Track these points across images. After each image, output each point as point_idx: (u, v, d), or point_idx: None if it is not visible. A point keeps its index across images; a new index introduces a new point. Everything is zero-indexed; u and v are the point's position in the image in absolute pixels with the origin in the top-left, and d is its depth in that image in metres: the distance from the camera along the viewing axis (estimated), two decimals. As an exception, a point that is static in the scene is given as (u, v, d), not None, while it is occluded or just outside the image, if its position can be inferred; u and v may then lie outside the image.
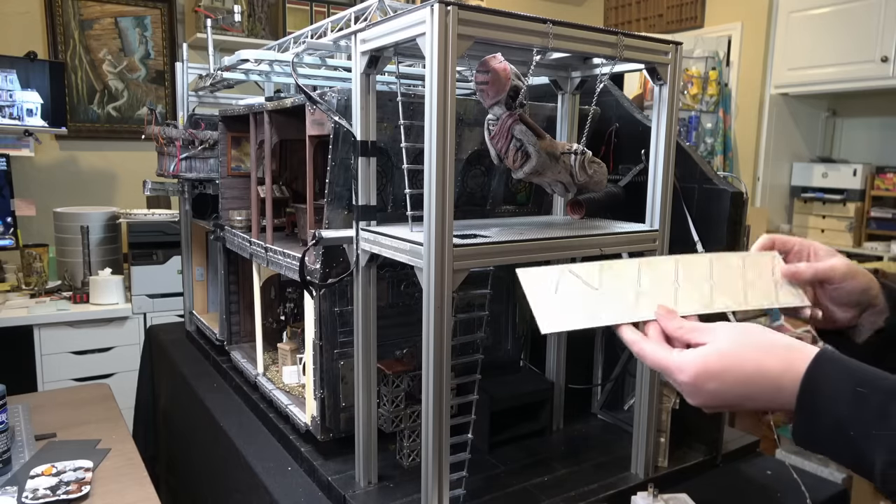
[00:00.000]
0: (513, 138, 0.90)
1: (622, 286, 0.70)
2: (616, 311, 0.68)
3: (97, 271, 2.80)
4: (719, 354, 0.59)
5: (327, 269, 1.11)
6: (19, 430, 1.46)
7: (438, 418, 0.86)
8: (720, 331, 0.62)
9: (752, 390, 0.59)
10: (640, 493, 1.04)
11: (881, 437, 0.52)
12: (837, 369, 0.56)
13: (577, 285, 0.69)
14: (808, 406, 0.56)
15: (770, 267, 0.78)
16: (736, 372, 0.59)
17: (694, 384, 0.60)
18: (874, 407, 0.53)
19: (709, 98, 3.64)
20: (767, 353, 0.59)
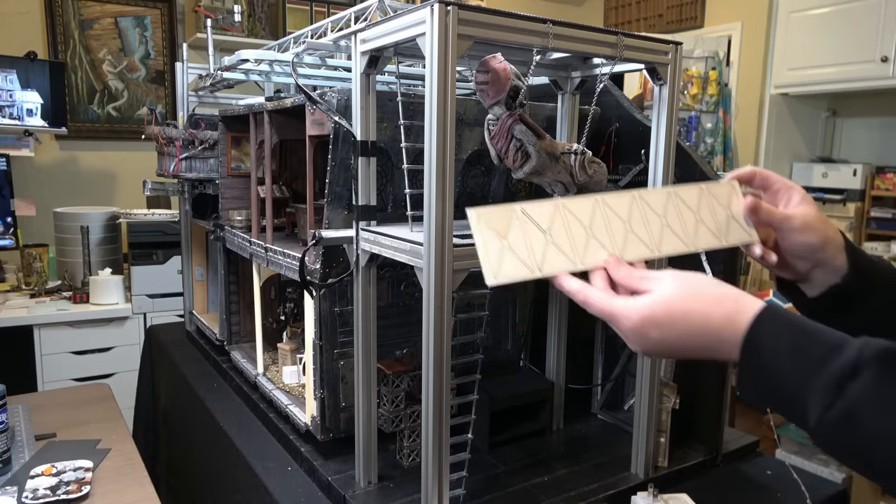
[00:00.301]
0: (513, 138, 0.90)
1: (573, 229, 0.68)
2: (563, 260, 0.66)
3: (97, 271, 2.80)
4: (665, 303, 0.59)
5: (327, 269, 1.11)
6: (19, 430, 1.46)
7: (438, 418, 0.86)
8: (667, 279, 0.61)
9: (695, 342, 0.59)
10: (640, 493, 1.04)
11: (818, 390, 0.52)
12: (780, 324, 0.57)
13: (528, 229, 0.66)
14: (750, 359, 0.57)
15: (727, 200, 0.76)
16: (680, 322, 0.59)
17: (638, 331, 0.60)
18: (813, 359, 0.53)
19: (709, 98, 3.64)
20: (713, 304, 0.59)
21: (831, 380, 0.52)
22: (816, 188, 3.84)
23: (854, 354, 0.52)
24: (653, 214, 0.72)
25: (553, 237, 0.67)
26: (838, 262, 0.72)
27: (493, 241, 0.64)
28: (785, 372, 0.55)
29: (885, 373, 0.51)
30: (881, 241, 3.58)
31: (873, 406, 0.50)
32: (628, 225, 0.70)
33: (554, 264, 0.66)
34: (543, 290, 1.34)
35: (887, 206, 3.62)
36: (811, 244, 0.72)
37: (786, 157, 3.95)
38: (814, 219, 0.72)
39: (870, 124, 3.84)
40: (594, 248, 0.68)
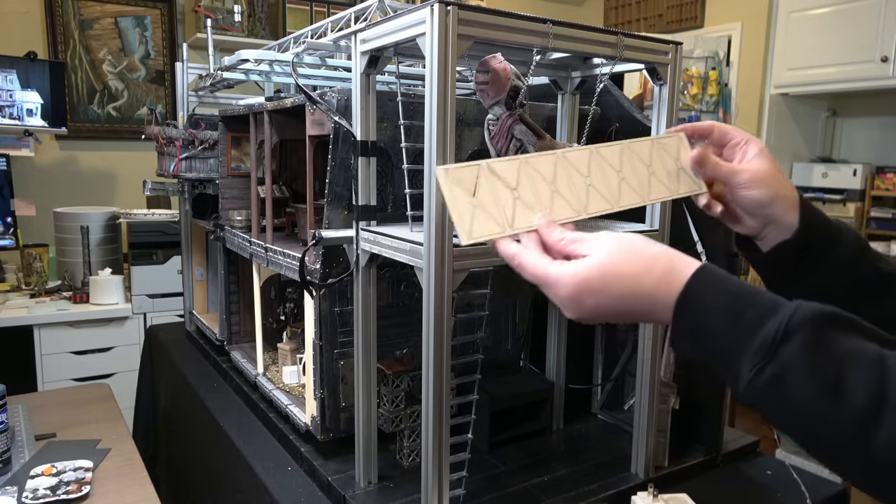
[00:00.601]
0: (513, 138, 0.90)
1: (538, 186, 0.68)
2: (531, 215, 0.66)
3: (97, 271, 2.81)
4: (599, 269, 0.58)
5: (327, 269, 1.11)
6: (19, 430, 1.46)
7: (438, 418, 0.86)
8: (601, 243, 0.60)
9: (631, 305, 0.59)
10: (640, 493, 1.04)
11: (750, 353, 0.52)
12: (713, 285, 0.56)
13: (496, 185, 0.66)
14: (684, 320, 0.57)
15: (676, 151, 0.78)
16: (614, 286, 0.58)
17: (573, 299, 0.59)
18: (746, 322, 0.53)
19: (709, 98, 3.64)
20: (646, 266, 0.58)
21: (763, 343, 0.52)
22: (816, 188, 3.84)
23: (786, 318, 0.52)
24: (610, 169, 0.73)
25: (520, 194, 0.67)
26: (789, 219, 0.72)
27: (462, 198, 0.64)
28: (718, 334, 0.55)
29: (815, 338, 0.51)
30: (881, 241, 3.58)
31: (800, 371, 0.50)
32: (589, 179, 0.71)
33: (524, 220, 0.66)
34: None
35: (887, 206, 3.62)
36: (759, 199, 0.72)
37: (786, 157, 3.95)
38: (764, 174, 0.72)
39: (870, 124, 3.84)
40: (559, 204, 0.68)
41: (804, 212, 0.72)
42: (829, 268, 0.72)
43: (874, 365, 0.50)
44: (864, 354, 0.50)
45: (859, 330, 0.53)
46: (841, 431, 0.50)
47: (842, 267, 0.71)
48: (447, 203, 0.64)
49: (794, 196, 0.72)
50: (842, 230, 0.73)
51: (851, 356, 0.50)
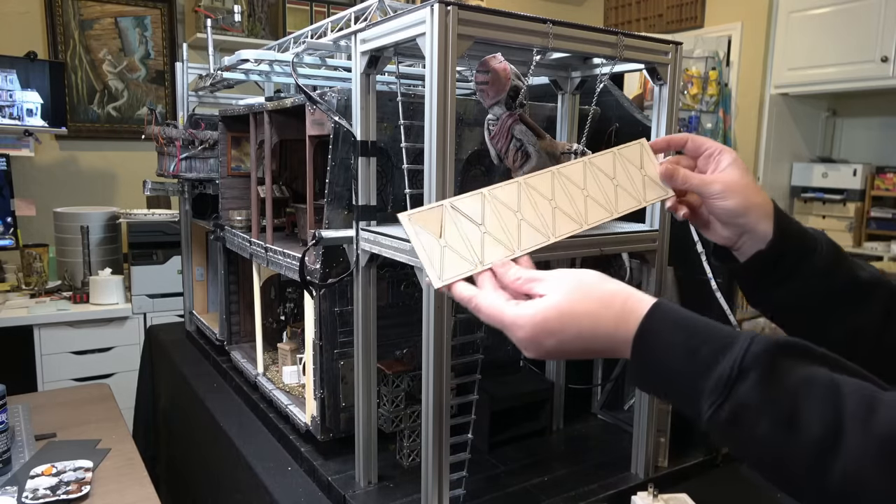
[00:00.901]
0: (513, 138, 0.90)
1: (505, 216, 0.68)
2: (501, 249, 0.66)
3: (97, 271, 2.81)
4: (557, 309, 0.58)
5: (327, 269, 1.11)
6: (19, 430, 1.46)
7: (438, 418, 0.86)
8: (556, 282, 0.60)
9: (589, 344, 0.59)
10: (640, 493, 1.04)
11: (707, 392, 0.53)
12: (668, 323, 0.57)
13: (461, 223, 0.66)
14: (641, 359, 0.57)
15: (639, 160, 0.78)
16: (573, 327, 0.58)
17: (532, 340, 0.59)
18: (702, 360, 0.54)
19: (709, 98, 3.64)
20: (604, 306, 0.58)
21: (719, 382, 0.52)
22: (816, 188, 3.84)
23: (741, 355, 0.52)
24: (574, 188, 0.74)
25: (487, 227, 0.67)
26: (763, 228, 0.72)
27: (430, 242, 0.64)
28: (675, 372, 0.55)
29: (769, 373, 0.51)
30: (881, 241, 3.58)
31: (756, 408, 0.51)
32: (554, 202, 0.71)
33: (494, 254, 0.66)
34: (543, 290, 1.34)
35: (887, 206, 3.62)
36: (732, 209, 0.72)
37: (786, 157, 3.95)
38: (736, 183, 0.72)
39: (870, 124, 3.84)
40: (527, 231, 0.68)
41: (778, 221, 0.72)
42: (804, 277, 0.72)
43: (828, 394, 0.50)
44: (819, 384, 0.51)
45: (814, 357, 0.53)
46: (798, 464, 0.50)
47: (817, 276, 0.72)
48: (415, 248, 0.64)
49: (767, 205, 0.73)
50: (816, 239, 0.73)
51: (805, 387, 0.51)
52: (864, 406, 0.49)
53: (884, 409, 0.49)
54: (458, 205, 0.67)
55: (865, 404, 0.49)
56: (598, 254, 0.96)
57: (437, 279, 0.63)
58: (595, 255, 0.96)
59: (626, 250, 1.02)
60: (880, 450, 0.47)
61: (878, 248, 3.51)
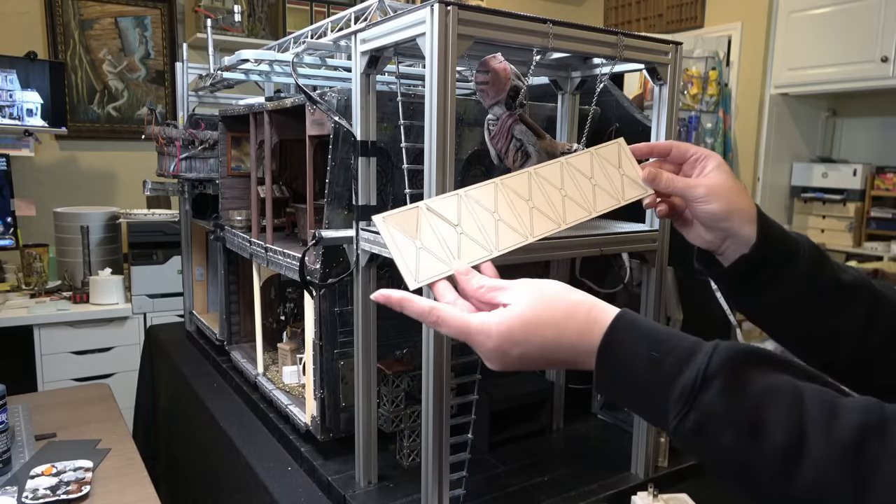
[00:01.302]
0: (513, 138, 0.90)
1: (482, 217, 0.68)
2: (478, 249, 0.66)
3: (97, 271, 2.81)
4: (521, 319, 0.58)
5: (327, 269, 1.11)
6: (19, 430, 1.46)
7: (438, 418, 0.86)
8: (520, 291, 0.60)
9: (554, 354, 0.59)
10: (640, 493, 1.04)
11: (672, 402, 0.53)
12: (632, 334, 0.57)
13: (437, 224, 0.66)
14: (606, 370, 0.57)
15: (617, 160, 0.79)
16: (537, 337, 0.58)
17: (497, 350, 0.58)
18: (666, 371, 0.54)
19: (709, 98, 3.64)
20: (568, 316, 0.58)
21: (683, 391, 0.52)
22: (816, 188, 3.84)
23: (704, 364, 0.52)
24: (552, 188, 0.74)
25: (464, 228, 0.67)
26: (746, 232, 0.72)
27: (405, 243, 0.64)
28: (640, 383, 0.55)
29: (732, 381, 0.52)
30: (881, 241, 3.58)
31: (720, 417, 0.51)
32: (531, 203, 0.72)
33: (471, 255, 0.65)
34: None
35: (887, 206, 3.62)
36: (715, 212, 0.72)
37: (786, 157, 3.95)
38: (720, 187, 0.73)
39: (870, 124, 3.84)
40: (505, 232, 0.68)
41: (761, 225, 0.72)
42: (787, 280, 0.72)
43: (791, 402, 0.50)
44: (781, 392, 0.51)
45: (776, 365, 0.54)
46: (764, 472, 0.50)
47: (800, 279, 0.72)
48: (390, 250, 0.64)
49: (751, 209, 0.73)
50: (799, 242, 0.73)
51: (768, 395, 0.51)
52: (825, 412, 0.49)
53: (845, 414, 0.49)
54: (434, 206, 0.67)
55: (827, 410, 0.50)
56: (598, 254, 0.96)
57: (412, 280, 0.63)
58: (595, 255, 0.96)
59: (626, 250, 1.02)
60: (843, 455, 0.48)
61: (878, 248, 3.51)
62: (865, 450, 0.47)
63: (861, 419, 0.49)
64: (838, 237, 3.69)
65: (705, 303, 1.22)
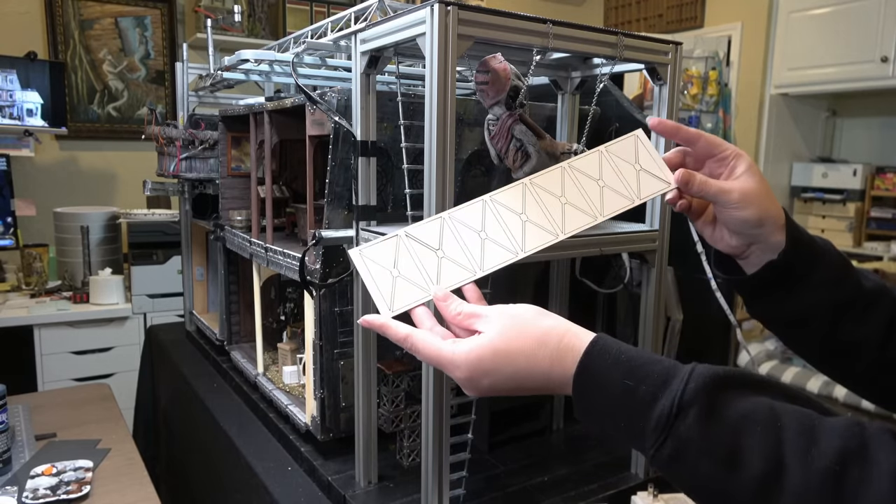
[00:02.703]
0: (513, 138, 0.90)
1: (466, 237, 0.66)
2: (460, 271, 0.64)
3: (97, 271, 2.81)
4: (491, 348, 0.58)
5: (327, 269, 1.11)
6: (19, 430, 1.46)
7: (438, 418, 0.86)
8: (493, 319, 0.59)
9: (526, 382, 0.58)
10: (640, 493, 1.04)
11: (649, 431, 0.52)
12: (607, 361, 0.55)
13: (418, 251, 0.64)
14: (582, 399, 0.56)
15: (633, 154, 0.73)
16: (507, 367, 0.58)
17: (469, 380, 0.59)
18: (641, 399, 0.53)
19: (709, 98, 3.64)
20: (539, 344, 0.57)
21: (659, 421, 0.52)
22: (816, 188, 3.84)
23: (680, 391, 0.51)
24: (550, 197, 0.69)
25: (445, 252, 0.65)
26: (776, 239, 0.69)
27: (381, 274, 0.63)
28: (616, 412, 0.54)
29: (708, 408, 0.51)
30: (881, 241, 3.58)
31: (696, 446, 0.50)
32: (524, 216, 0.68)
33: (451, 278, 0.64)
34: (543, 290, 1.34)
35: (887, 206, 3.62)
36: (748, 220, 0.69)
37: (786, 157, 3.95)
38: (753, 193, 0.69)
39: (870, 124, 3.84)
40: (492, 250, 0.65)
41: (790, 231, 0.69)
42: (813, 286, 0.70)
43: (768, 428, 0.50)
44: (758, 417, 0.50)
45: (754, 387, 0.53)
46: (742, 501, 0.49)
47: (825, 286, 0.70)
48: (365, 283, 0.63)
49: (781, 216, 0.70)
50: (824, 248, 0.71)
51: (745, 422, 0.50)
52: (804, 437, 0.49)
53: (824, 440, 0.48)
54: (415, 233, 0.65)
55: (805, 435, 0.49)
56: (599, 254, 0.96)
57: (386, 309, 0.62)
58: (595, 255, 0.96)
59: (626, 250, 1.02)
60: (822, 484, 0.47)
61: (878, 248, 3.51)
62: (846, 476, 0.46)
63: (841, 444, 0.48)
64: (838, 237, 3.69)
65: (705, 303, 1.22)
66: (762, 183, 0.70)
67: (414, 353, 0.61)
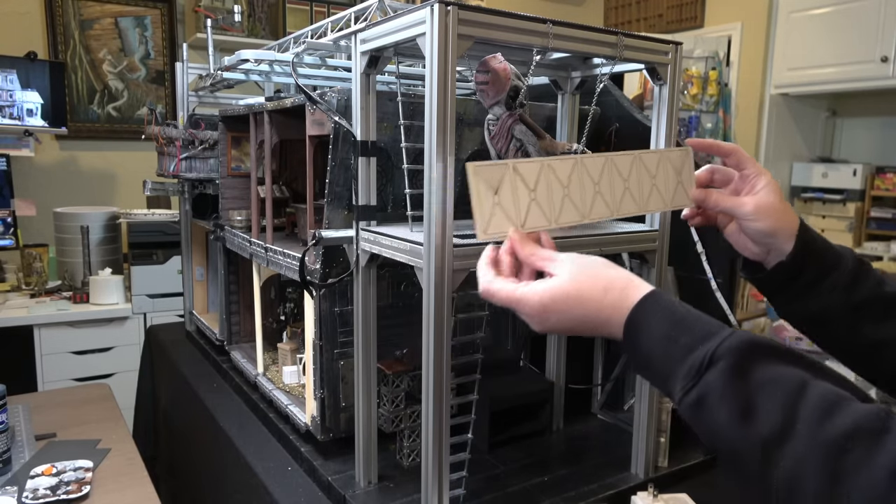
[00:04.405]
0: (513, 138, 0.90)
1: (553, 188, 0.73)
2: (541, 218, 0.72)
3: (97, 271, 2.81)
4: (562, 289, 0.64)
5: (327, 269, 1.11)
6: (19, 430, 1.46)
7: (438, 418, 0.86)
8: (565, 264, 0.66)
9: (588, 323, 0.64)
10: (640, 493, 1.04)
11: (681, 376, 0.56)
12: (657, 311, 0.61)
13: (518, 185, 0.70)
14: (629, 342, 0.62)
15: (680, 166, 0.84)
16: (576, 307, 0.64)
17: (539, 316, 0.66)
18: (680, 347, 0.57)
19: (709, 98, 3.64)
20: (604, 289, 0.64)
21: (692, 368, 0.55)
22: (816, 188, 3.84)
23: (715, 345, 0.55)
24: (619, 178, 0.79)
25: (537, 195, 0.71)
26: (788, 247, 0.78)
27: (486, 195, 0.68)
28: (657, 357, 0.59)
29: (737, 365, 0.54)
30: (881, 241, 3.58)
31: (717, 395, 0.54)
32: (598, 186, 0.76)
33: (534, 221, 0.71)
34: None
35: (887, 206, 3.62)
36: (761, 230, 0.78)
37: (786, 157, 3.95)
38: (768, 207, 0.78)
39: (870, 124, 3.84)
40: (568, 207, 0.73)
41: (801, 238, 0.77)
42: (826, 290, 0.76)
43: (790, 395, 0.51)
44: (784, 384, 0.52)
45: (791, 360, 0.55)
46: (748, 457, 0.52)
47: (839, 290, 0.76)
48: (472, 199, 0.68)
49: (794, 226, 0.78)
50: (841, 255, 0.78)
51: (769, 385, 0.53)
52: (820, 410, 0.50)
53: (841, 417, 0.49)
54: (520, 168, 0.71)
55: (823, 409, 0.50)
56: (598, 253, 0.96)
57: (482, 232, 0.68)
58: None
59: (626, 250, 1.02)
60: (823, 455, 0.48)
61: (878, 248, 3.51)
62: (850, 453, 0.47)
63: (856, 423, 0.48)
64: (838, 237, 3.69)
65: (705, 303, 1.22)
66: (777, 198, 0.80)
67: (490, 298, 0.68)
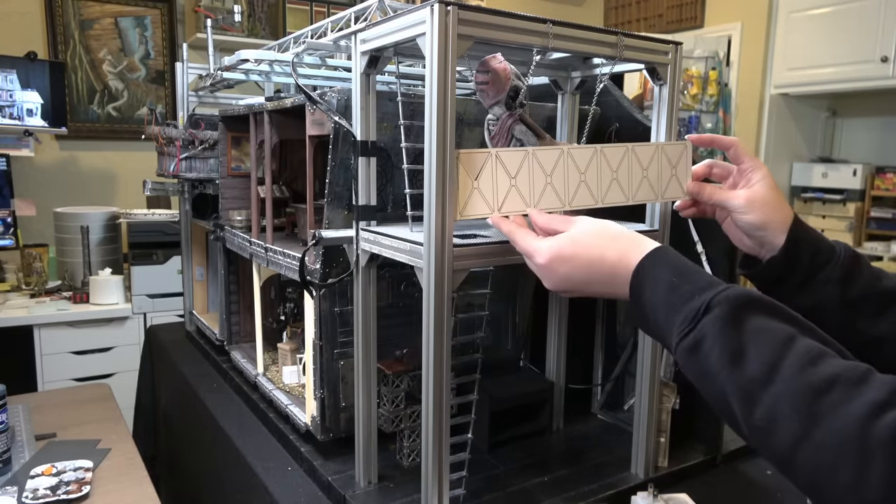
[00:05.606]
0: (513, 138, 0.90)
1: (536, 176, 0.75)
2: (519, 202, 0.75)
3: (97, 271, 2.81)
4: (571, 241, 0.68)
5: (327, 269, 1.11)
6: (19, 430, 1.46)
7: (438, 418, 0.86)
8: (579, 222, 0.70)
9: (595, 276, 0.67)
10: (640, 493, 1.04)
11: (679, 322, 0.59)
12: (662, 264, 0.63)
13: (498, 172, 0.73)
14: (634, 293, 0.64)
15: (677, 159, 0.85)
16: (582, 258, 0.67)
17: (548, 266, 0.69)
18: (680, 296, 0.60)
19: (709, 98, 3.64)
20: (612, 242, 0.66)
21: (689, 314, 0.58)
22: (816, 188, 3.84)
23: (713, 295, 0.57)
24: (607, 169, 0.81)
25: (517, 182, 0.75)
26: (780, 241, 0.79)
27: (466, 180, 0.72)
28: (658, 305, 0.61)
29: (731, 314, 0.56)
30: (881, 241, 3.58)
31: (711, 339, 0.56)
32: (583, 176, 0.79)
33: (512, 206, 0.75)
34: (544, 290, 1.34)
35: (887, 206, 3.62)
36: (751, 223, 0.80)
37: (786, 157, 3.95)
38: (759, 200, 0.80)
39: (870, 124, 3.84)
40: (549, 195, 0.76)
41: (793, 231, 0.78)
42: (819, 284, 0.77)
43: (779, 344, 0.53)
44: (773, 334, 0.54)
45: (784, 317, 0.57)
46: (734, 398, 0.54)
47: (832, 284, 0.76)
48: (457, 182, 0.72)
49: (787, 220, 0.79)
50: (834, 250, 0.78)
51: (760, 334, 0.55)
52: (806, 359, 0.52)
53: (825, 365, 0.51)
54: (503, 156, 0.74)
55: (808, 359, 0.52)
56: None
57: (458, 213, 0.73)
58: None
59: (626, 250, 1.02)
60: (801, 395, 0.50)
61: (878, 248, 3.51)
62: (828, 394, 0.49)
63: (838, 371, 0.50)
64: (838, 237, 3.67)
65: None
66: (771, 192, 0.81)
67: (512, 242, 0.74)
